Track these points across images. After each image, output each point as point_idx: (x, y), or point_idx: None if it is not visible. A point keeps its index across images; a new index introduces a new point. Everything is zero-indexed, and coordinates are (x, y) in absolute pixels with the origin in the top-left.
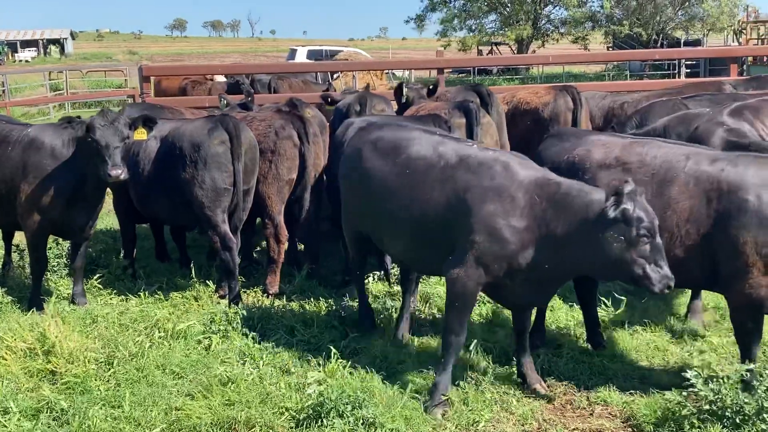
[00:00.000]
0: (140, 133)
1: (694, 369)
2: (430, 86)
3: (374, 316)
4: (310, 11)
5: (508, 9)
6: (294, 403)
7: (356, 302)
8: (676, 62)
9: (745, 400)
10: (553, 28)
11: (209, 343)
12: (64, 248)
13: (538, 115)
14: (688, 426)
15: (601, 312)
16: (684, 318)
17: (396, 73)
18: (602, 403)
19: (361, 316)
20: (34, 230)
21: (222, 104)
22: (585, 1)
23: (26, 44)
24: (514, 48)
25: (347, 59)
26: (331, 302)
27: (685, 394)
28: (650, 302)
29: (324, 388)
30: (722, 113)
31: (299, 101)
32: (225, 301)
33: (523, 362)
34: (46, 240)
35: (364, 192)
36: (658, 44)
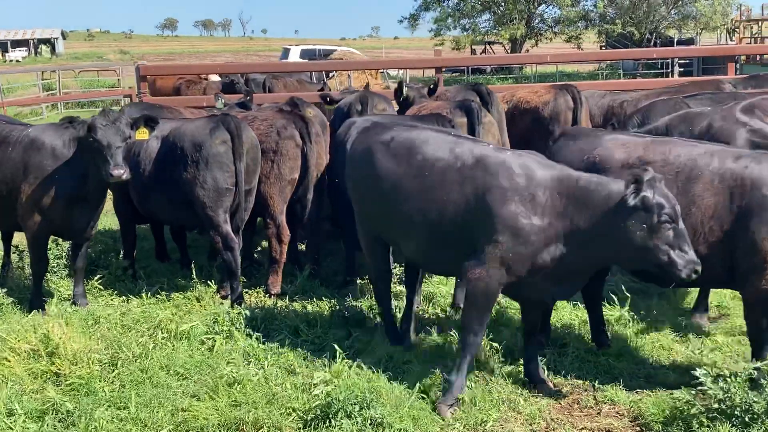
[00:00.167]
0: (142, 133)
1: (703, 367)
2: (430, 85)
3: (398, 329)
4: (301, 10)
5: (501, 8)
6: (301, 403)
7: (358, 302)
8: (669, 61)
9: (754, 398)
10: (547, 28)
11: (213, 344)
12: (65, 249)
13: (538, 114)
14: (696, 425)
15: (605, 311)
16: (689, 316)
17: (390, 72)
18: (609, 402)
19: (386, 331)
20: (34, 231)
21: (220, 104)
22: (578, 0)
23: (17, 44)
24: (508, 47)
25: (342, 59)
26: (334, 302)
27: (694, 393)
28: (655, 301)
29: (332, 389)
30: (735, 111)
31: (300, 101)
32: (228, 301)
33: (530, 361)
34: (47, 241)
35: (377, 193)
36: (651, 43)
